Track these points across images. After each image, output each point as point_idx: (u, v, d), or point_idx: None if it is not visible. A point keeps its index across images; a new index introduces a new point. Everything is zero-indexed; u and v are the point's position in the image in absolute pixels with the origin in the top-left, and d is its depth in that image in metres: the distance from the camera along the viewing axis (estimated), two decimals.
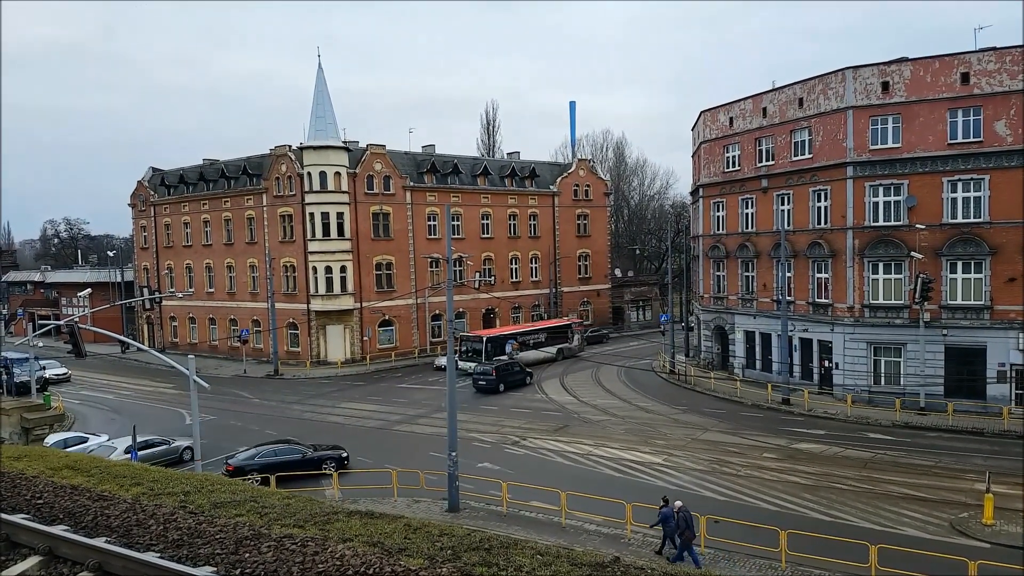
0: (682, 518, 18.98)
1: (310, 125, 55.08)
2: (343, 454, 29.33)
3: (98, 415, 41.77)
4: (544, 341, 55.97)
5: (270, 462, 27.62)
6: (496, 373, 45.06)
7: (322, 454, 28.92)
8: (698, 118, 51.44)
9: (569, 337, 58.58)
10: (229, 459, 28.43)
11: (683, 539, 18.94)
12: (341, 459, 28.98)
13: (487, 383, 44.89)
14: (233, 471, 26.82)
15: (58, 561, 6.58)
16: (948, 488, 24.87)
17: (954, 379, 35.53)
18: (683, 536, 18.91)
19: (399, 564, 6.26)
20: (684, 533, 18.86)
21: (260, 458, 27.93)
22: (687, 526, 18.87)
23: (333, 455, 29.00)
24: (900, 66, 36.38)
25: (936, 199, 35.60)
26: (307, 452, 28.65)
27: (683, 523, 18.91)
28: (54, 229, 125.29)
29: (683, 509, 19.17)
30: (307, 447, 29.19)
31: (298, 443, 29.62)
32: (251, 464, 27.60)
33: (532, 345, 54.71)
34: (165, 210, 68.67)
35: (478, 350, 50.63)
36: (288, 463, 27.74)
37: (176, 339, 68.33)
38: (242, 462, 27.72)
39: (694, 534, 19.05)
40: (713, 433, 33.59)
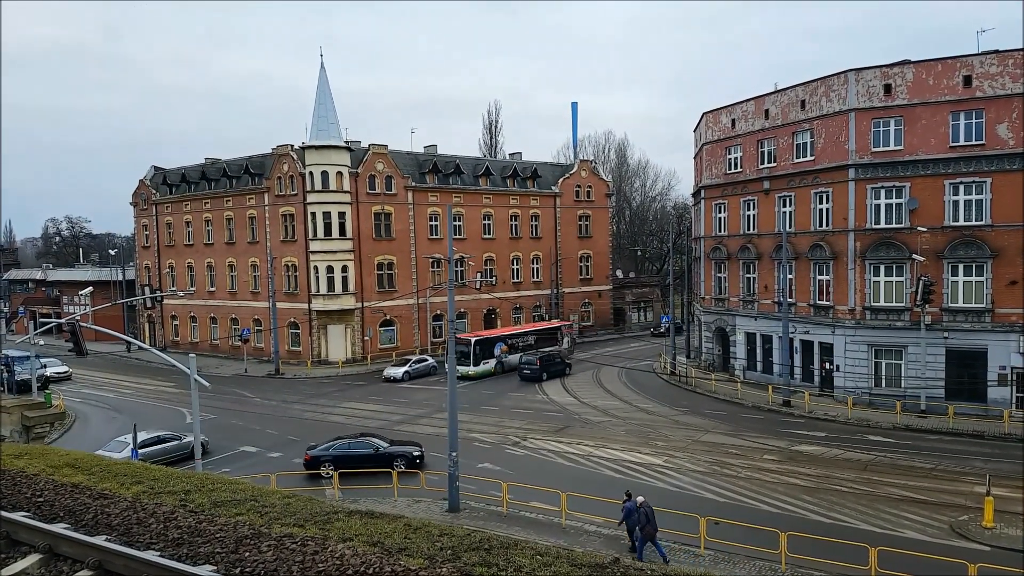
0: (643, 513, 19.41)
1: (312, 125, 55.13)
2: (414, 452, 28.57)
3: (99, 414, 41.81)
4: (533, 344, 54.67)
5: (342, 455, 27.81)
6: (540, 363, 49.52)
7: (394, 450, 28.44)
8: (700, 120, 51.44)
9: (559, 340, 57.62)
10: (309, 449, 28.71)
11: (644, 533, 19.36)
12: (412, 457, 28.30)
13: (532, 372, 49.20)
14: (309, 460, 27.88)
15: (58, 559, 6.59)
16: (948, 491, 24.85)
17: (955, 382, 35.50)
18: (643, 531, 19.33)
19: (399, 564, 6.27)
20: (645, 528, 19.29)
21: (334, 450, 28.15)
22: (647, 521, 19.33)
23: (405, 452, 28.41)
24: (902, 68, 36.38)
25: (938, 202, 35.58)
26: (380, 447, 28.27)
27: (643, 518, 19.34)
28: (55, 227, 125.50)
29: (645, 504, 19.63)
30: (384, 442, 28.84)
31: (376, 437, 29.52)
32: (324, 455, 27.94)
33: (521, 348, 53.53)
34: (167, 209, 68.72)
35: (465, 353, 49.04)
36: (359, 457, 27.71)
37: (177, 338, 68.37)
38: (317, 452, 28.17)
39: (655, 528, 19.50)
40: (713, 435, 33.58)
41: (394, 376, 49.09)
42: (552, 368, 49.85)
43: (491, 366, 50.98)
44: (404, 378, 48.95)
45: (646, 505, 19.64)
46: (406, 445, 29.27)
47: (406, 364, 50.52)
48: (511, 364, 51.54)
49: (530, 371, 49.21)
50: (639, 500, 19.91)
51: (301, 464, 28.49)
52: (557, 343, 57.18)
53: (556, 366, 50.36)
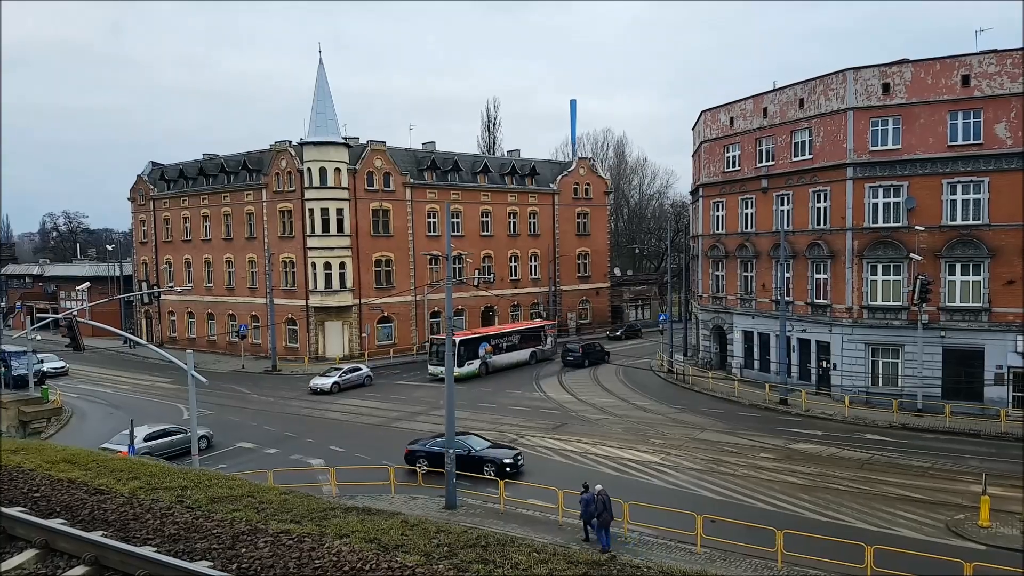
0: (600, 501, 19.81)
1: (310, 121, 55.06)
2: (505, 460, 26.52)
3: (96, 409, 41.76)
4: (517, 344, 53.69)
5: (436, 452, 26.55)
6: (583, 351, 53.56)
7: (485, 454, 26.96)
8: (699, 118, 51.43)
9: (542, 340, 56.51)
10: (411, 443, 28.55)
11: (600, 520, 19.78)
12: (502, 464, 26.29)
13: (575, 359, 52.97)
14: (408, 455, 27.75)
15: (55, 554, 6.58)
16: (944, 490, 24.90)
17: (952, 381, 35.56)
18: (600, 518, 19.76)
19: (395, 560, 6.27)
20: (602, 515, 19.75)
21: (429, 446, 27.57)
22: (604, 508, 19.75)
23: (495, 457, 26.70)
24: (901, 68, 36.39)
25: (936, 201, 35.61)
26: (473, 449, 27.00)
27: (601, 506, 19.77)
28: (53, 223, 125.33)
29: (603, 492, 20.09)
30: (482, 443, 27.66)
31: (479, 436, 28.65)
32: (420, 451, 27.71)
33: (505, 348, 52.42)
34: (164, 205, 68.59)
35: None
36: (456, 457, 25.31)
37: (174, 334, 68.29)
38: (416, 447, 27.94)
39: (611, 516, 19.92)
40: (711, 433, 33.62)
41: (321, 387, 44.78)
42: (592, 356, 53.70)
43: (475, 367, 49.15)
44: (333, 389, 44.74)
45: (603, 493, 20.10)
46: (501, 449, 27.79)
47: (336, 373, 46.31)
48: (496, 365, 50.67)
49: (573, 358, 52.83)
50: (597, 489, 20.39)
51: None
52: (541, 343, 56.17)
53: (596, 354, 54.16)
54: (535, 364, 54.39)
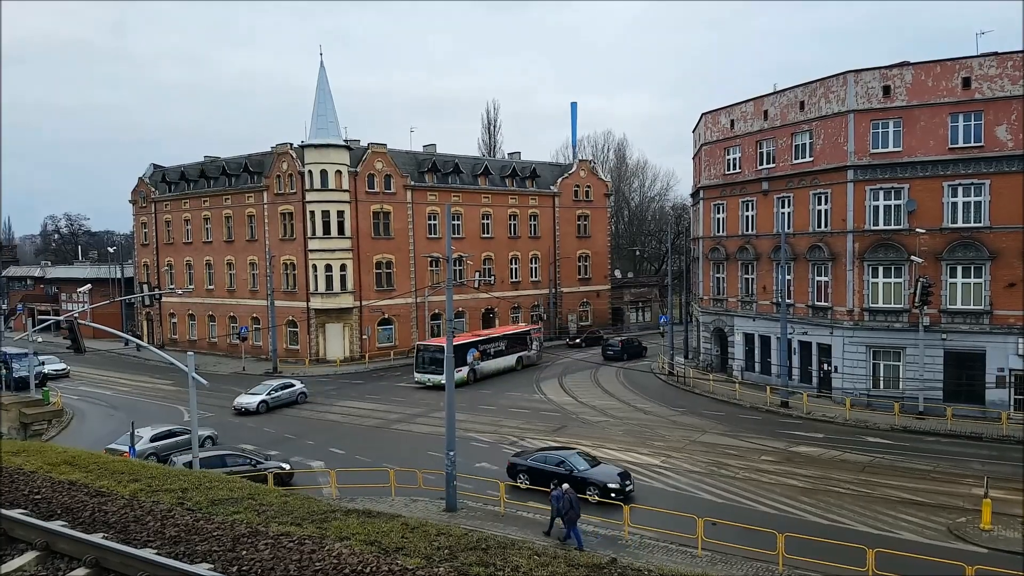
0: (567, 500, 20.31)
1: (311, 123, 55.13)
2: (610, 483, 23.90)
3: (97, 411, 41.76)
4: (504, 349, 51.85)
5: (537, 468, 25.13)
6: (622, 345, 56.63)
7: (588, 475, 24.46)
8: (699, 120, 51.45)
9: (528, 345, 54.72)
10: (514, 456, 27.06)
11: (567, 518, 20.33)
12: (606, 487, 23.93)
13: (614, 353, 56.22)
14: (509, 467, 26.26)
15: (55, 556, 6.57)
16: (946, 493, 24.87)
17: (953, 384, 35.54)
18: (567, 516, 20.30)
19: (396, 563, 6.26)
20: (568, 513, 20.30)
21: (531, 461, 25.82)
22: (571, 507, 20.28)
23: (599, 480, 24.18)
24: (901, 70, 36.40)
25: (936, 203, 35.61)
26: (576, 469, 24.61)
27: (567, 504, 20.29)
28: (54, 225, 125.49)
29: (569, 491, 20.64)
30: (585, 463, 25.05)
31: (583, 455, 25.81)
32: (521, 464, 25.99)
33: (493, 354, 50.55)
34: (166, 207, 68.64)
35: (436, 360, 44.09)
36: (552, 475, 24.27)
37: (175, 336, 68.32)
38: (517, 460, 26.31)
39: (578, 514, 20.48)
40: (711, 435, 33.59)
41: (246, 406, 39.66)
42: (631, 350, 57.00)
43: (463, 374, 45.97)
44: (260, 409, 39.62)
45: (570, 492, 20.65)
46: (606, 468, 25.22)
47: (265, 390, 41.26)
48: (483, 371, 48.96)
49: (613, 352, 56.34)
50: (564, 487, 20.90)
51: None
52: (527, 348, 54.52)
53: (635, 348, 57.44)
54: (521, 370, 52.67)
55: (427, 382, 45.48)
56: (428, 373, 45.69)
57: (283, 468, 27.48)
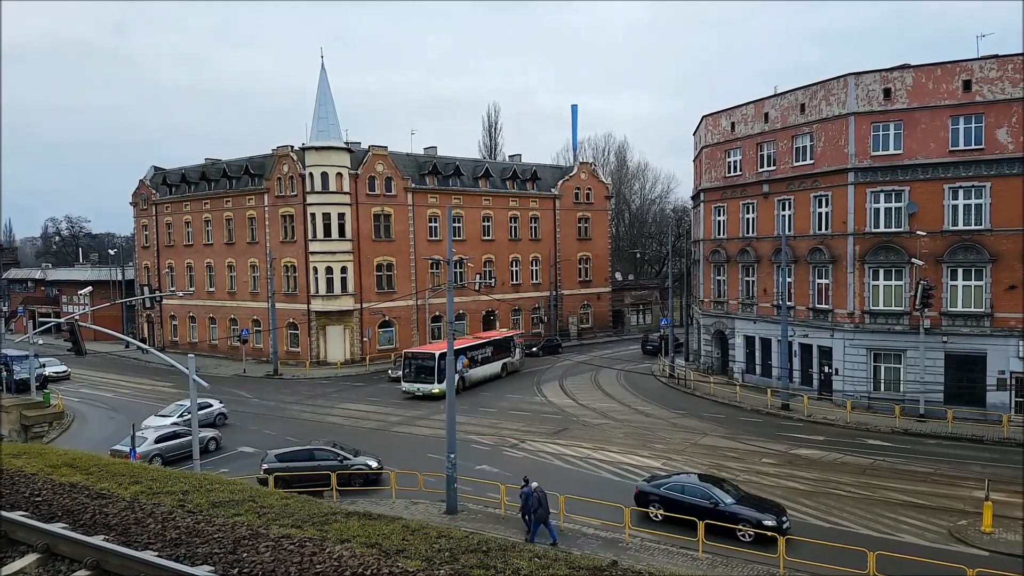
0: (535, 498, 20.63)
1: (312, 126, 55.21)
2: (767, 521, 20.57)
3: (97, 413, 41.76)
4: (491, 356, 49.81)
5: (674, 498, 22.22)
6: (660, 340, 58.16)
7: (738, 511, 21.12)
8: (700, 123, 51.48)
9: (511, 350, 52.74)
10: (643, 482, 23.85)
11: (536, 516, 20.67)
12: (760, 524, 20.58)
13: (653, 348, 59.17)
14: (638, 495, 23.10)
15: (56, 559, 6.58)
16: (947, 495, 24.84)
17: (954, 386, 35.50)
18: (536, 513, 20.64)
19: (397, 566, 6.26)
20: (537, 511, 20.63)
21: (666, 489, 22.75)
22: (540, 504, 20.63)
23: (753, 516, 20.80)
24: (902, 72, 36.42)
25: (937, 206, 35.60)
26: (722, 501, 21.49)
27: (536, 502, 20.62)
28: (55, 227, 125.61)
29: (539, 489, 20.93)
30: (729, 496, 21.90)
31: (719, 485, 22.64)
32: (654, 493, 22.93)
33: (480, 361, 48.40)
34: (166, 209, 68.71)
35: (428, 368, 43.32)
36: (692, 506, 21.55)
37: (176, 338, 68.33)
38: (648, 488, 23.17)
39: (547, 512, 20.84)
40: (712, 438, 33.57)
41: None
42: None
43: None
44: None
45: (540, 490, 20.88)
46: (762, 505, 21.82)
47: (167, 422, 33.91)
48: (472, 379, 46.72)
49: (652, 347, 59.64)
50: (534, 485, 21.08)
51: None
52: (511, 354, 52.56)
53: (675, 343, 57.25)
54: (505, 377, 50.66)
55: (416, 392, 43.58)
56: (417, 382, 43.70)
57: (369, 466, 27.10)
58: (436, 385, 42.56)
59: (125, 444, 28.82)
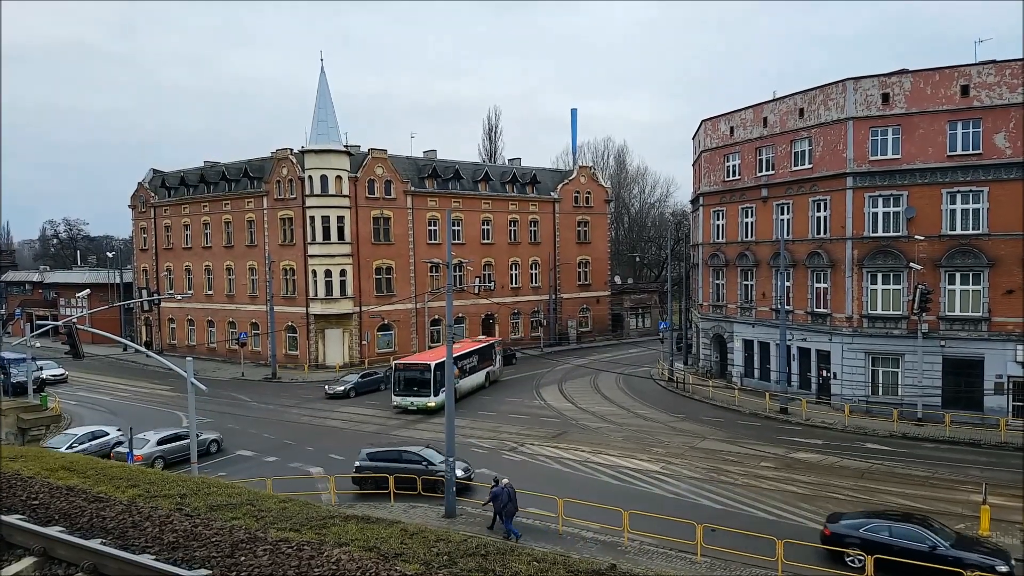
0: (506, 493, 21.12)
1: (312, 128, 55.26)
2: (1001, 567, 18.19)
3: (95, 416, 41.63)
4: (477, 365, 46.97)
5: (880, 541, 19.20)
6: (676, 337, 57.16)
7: (964, 555, 18.38)
8: (699, 127, 51.56)
9: (493, 359, 50.24)
10: (831, 520, 20.93)
11: (505, 511, 21.12)
12: (992, 569, 17.99)
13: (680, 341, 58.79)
14: (830, 536, 20.16)
15: (53, 562, 6.56)
16: (945, 499, 24.85)
17: (952, 390, 35.53)
18: (506, 509, 21.10)
19: (395, 569, 6.25)
20: (507, 506, 21.09)
21: (866, 531, 19.71)
22: (510, 500, 21.11)
23: (978, 560, 18.22)
24: (900, 77, 36.51)
25: (935, 210, 35.67)
26: (939, 545, 18.73)
27: (507, 498, 21.11)
28: (53, 229, 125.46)
29: (508, 485, 21.41)
30: (941, 531, 19.47)
31: (930, 521, 20.21)
32: (852, 535, 19.74)
33: (468, 370, 45.28)
34: (165, 212, 68.70)
35: (423, 381, 40.12)
36: (906, 551, 18.79)
37: (174, 341, 68.26)
38: (843, 529, 20.06)
39: (516, 508, 21.28)
40: (711, 441, 33.55)
41: None
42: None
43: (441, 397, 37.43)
44: None
45: (510, 486, 21.38)
46: (983, 548, 19.21)
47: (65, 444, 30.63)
48: (461, 390, 42.95)
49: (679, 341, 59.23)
50: (504, 481, 21.57)
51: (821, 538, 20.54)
52: (493, 363, 50.12)
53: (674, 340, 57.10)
54: (489, 387, 48.24)
55: (409, 406, 40.42)
56: (410, 395, 40.48)
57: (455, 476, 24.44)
58: (432, 398, 39.61)
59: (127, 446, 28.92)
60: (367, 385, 47.30)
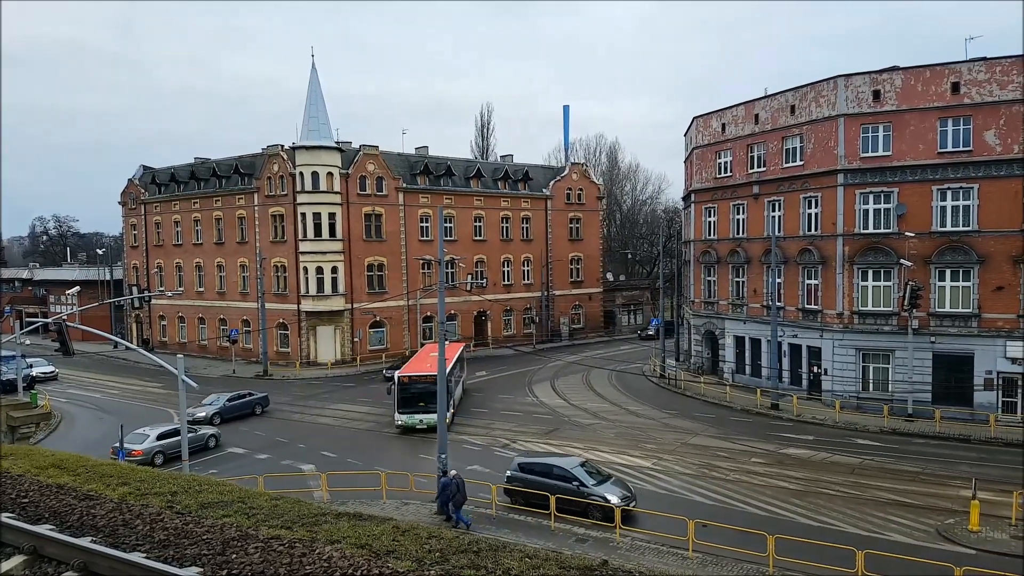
0: (455, 484, 21.62)
1: (303, 125, 55.03)
2: None
3: (85, 414, 41.45)
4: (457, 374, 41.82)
5: None
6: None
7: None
8: (691, 124, 51.64)
9: (463, 367, 46.00)
10: None
11: (454, 501, 21.59)
12: None
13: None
14: None
15: (43, 560, 6.53)
16: (935, 494, 25.01)
17: (942, 386, 35.75)
18: (454, 499, 21.57)
19: (387, 566, 6.24)
20: (455, 497, 21.56)
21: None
22: (458, 490, 21.59)
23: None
24: (891, 75, 36.65)
25: (926, 207, 35.85)
26: None
27: (455, 488, 21.59)
28: (43, 226, 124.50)
29: (457, 476, 21.99)
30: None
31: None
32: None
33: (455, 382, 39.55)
34: (156, 208, 68.31)
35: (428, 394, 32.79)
36: None
37: (165, 338, 67.93)
38: None
39: (464, 498, 21.80)
40: (702, 438, 33.68)
41: None
42: None
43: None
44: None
45: (458, 477, 21.94)
46: None
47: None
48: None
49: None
50: (452, 473, 22.12)
51: None
52: (463, 370, 45.79)
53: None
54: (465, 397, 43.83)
55: (418, 424, 34.82)
56: (419, 412, 34.76)
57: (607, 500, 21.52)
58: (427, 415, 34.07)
59: (129, 442, 29.09)
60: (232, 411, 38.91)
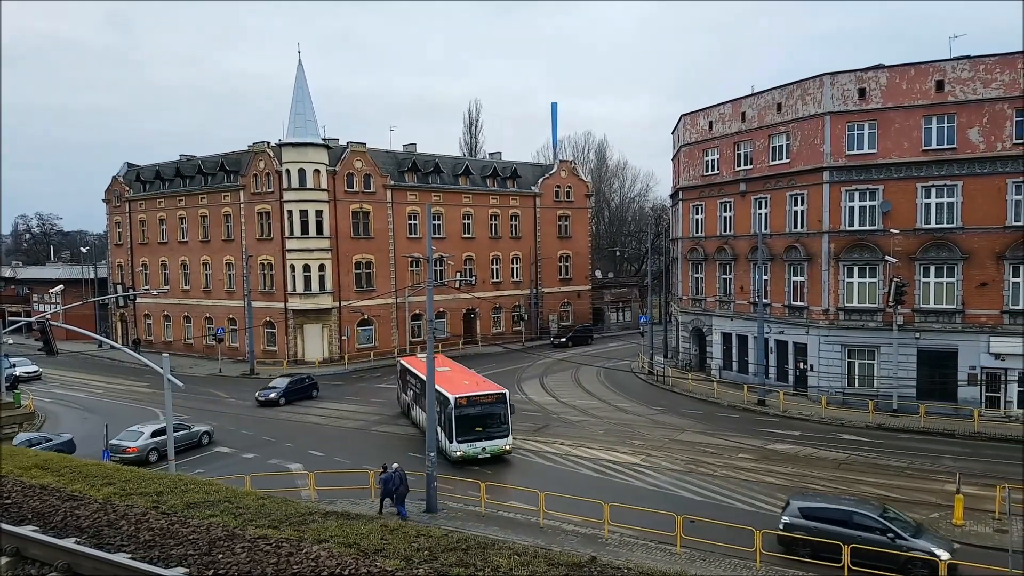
0: (397, 477, 22.39)
1: (289, 122, 54.67)
2: None
3: (70, 414, 41.06)
4: None
5: None
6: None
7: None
8: (678, 122, 51.79)
9: None
10: None
11: (398, 493, 22.35)
12: None
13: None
14: None
15: (26, 562, 6.45)
16: (919, 489, 25.26)
17: (926, 382, 36.10)
18: (398, 491, 22.33)
19: (375, 565, 6.22)
20: (398, 489, 22.33)
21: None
22: (401, 482, 22.37)
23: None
24: (876, 73, 36.91)
25: (911, 205, 36.16)
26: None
27: (398, 481, 22.35)
28: (26, 224, 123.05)
29: (399, 469, 22.73)
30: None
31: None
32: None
33: None
34: (140, 206, 67.67)
35: (496, 415, 29.73)
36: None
37: (150, 337, 67.36)
38: None
39: (407, 490, 22.60)
40: (690, 434, 33.83)
41: None
42: None
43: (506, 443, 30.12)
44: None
45: (400, 470, 22.68)
46: None
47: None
48: None
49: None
50: (394, 467, 22.78)
51: None
52: None
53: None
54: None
55: (479, 453, 29.16)
56: (480, 439, 29.20)
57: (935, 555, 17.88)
58: (509, 439, 29.81)
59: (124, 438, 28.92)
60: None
